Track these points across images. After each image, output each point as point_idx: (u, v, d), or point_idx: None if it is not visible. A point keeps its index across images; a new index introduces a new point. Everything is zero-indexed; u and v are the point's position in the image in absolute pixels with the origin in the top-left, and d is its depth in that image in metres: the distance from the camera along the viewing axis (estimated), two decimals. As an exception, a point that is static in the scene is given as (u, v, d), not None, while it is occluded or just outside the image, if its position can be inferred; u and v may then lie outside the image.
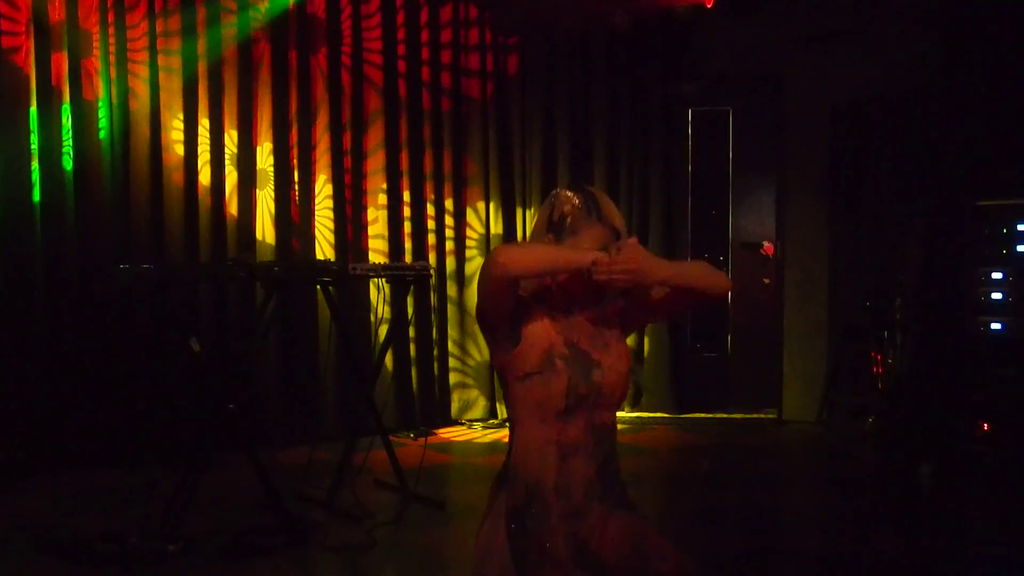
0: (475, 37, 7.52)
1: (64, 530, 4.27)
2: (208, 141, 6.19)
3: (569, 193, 2.48)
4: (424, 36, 7.20)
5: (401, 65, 7.09)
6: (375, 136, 7.01)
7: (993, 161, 5.86)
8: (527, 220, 7.75)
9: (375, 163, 7.00)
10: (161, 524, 4.16)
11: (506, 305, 2.39)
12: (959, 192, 5.90)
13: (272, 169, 6.47)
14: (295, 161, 6.55)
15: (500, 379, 2.55)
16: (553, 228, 2.47)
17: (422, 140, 7.18)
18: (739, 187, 8.33)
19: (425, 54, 7.21)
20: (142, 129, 5.92)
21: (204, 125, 6.19)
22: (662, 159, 7.93)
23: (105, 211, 5.77)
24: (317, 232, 6.71)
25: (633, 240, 2.36)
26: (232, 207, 6.30)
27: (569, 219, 2.45)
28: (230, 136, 6.31)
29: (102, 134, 5.77)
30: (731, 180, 8.31)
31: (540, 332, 2.43)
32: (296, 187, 6.54)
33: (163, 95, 5.99)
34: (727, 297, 2.35)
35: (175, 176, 6.06)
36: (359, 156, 6.88)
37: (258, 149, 6.45)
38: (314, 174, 6.67)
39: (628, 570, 2.40)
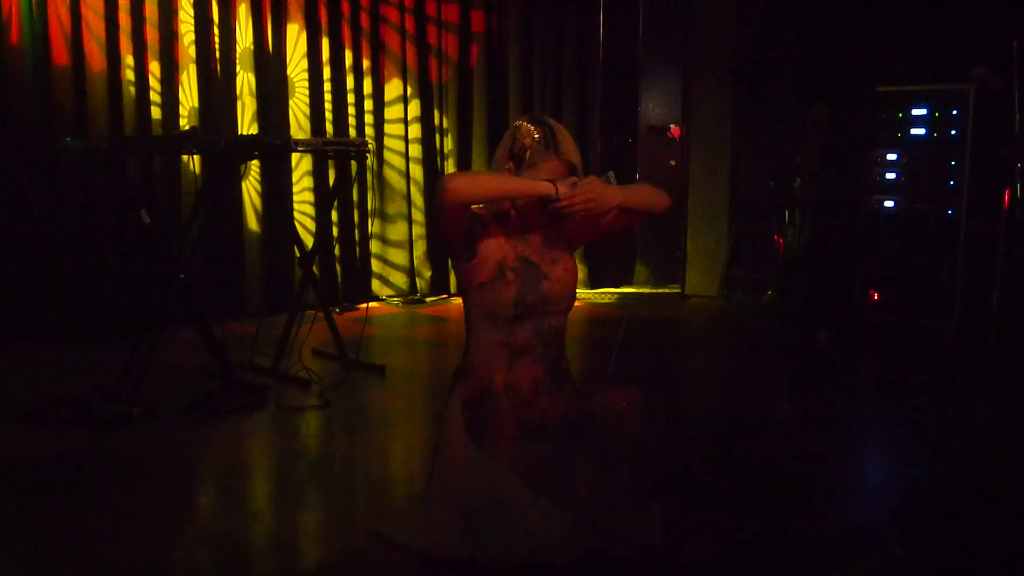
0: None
1: (22, 398, 4.36)
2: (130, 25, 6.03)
3: (530, 126, 2.75)
4: None
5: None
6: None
7: (892, 49, 6.26)
8: (440, 97, 7.83)
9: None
10: (118, 391, 4.30)
11: (458, 226, 2.67)
12: (859, 78, 6.30)
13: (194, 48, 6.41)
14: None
15: (459, 287, 2.85)
16: (513, 158, 2.74)
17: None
18: (648, 72, 8.60)
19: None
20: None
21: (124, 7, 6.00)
22: (576, 43, 8.13)
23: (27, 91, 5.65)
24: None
25: (591, 177, 2.64)
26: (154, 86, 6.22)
27: (528, 152, 2.71)
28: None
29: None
30: (640, 65, 8.57)
31: (494, 247, 2.72)
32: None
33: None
34: (669, 212, 2.70)
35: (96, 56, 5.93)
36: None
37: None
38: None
39: (574, 428, 2.73)
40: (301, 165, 7.00)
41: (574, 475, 2.64)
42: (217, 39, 6.41)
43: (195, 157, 5.60)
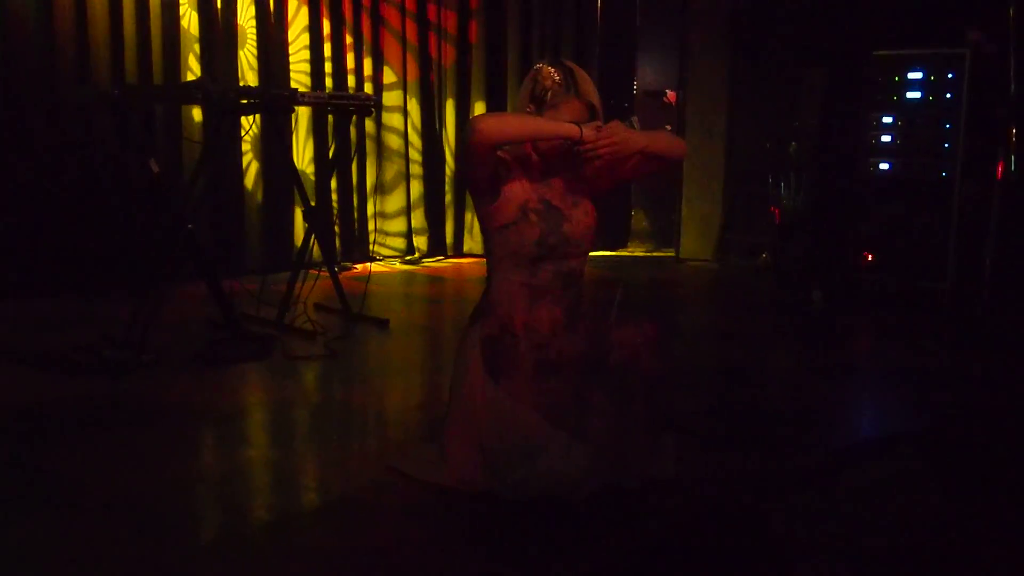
0: None
1: (32, 346, 4.40)
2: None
3: (551, 69, 2.79)
4: None
5: None
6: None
7: (888, 13, 6.31)
8: (440, 57, 7.85)
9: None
10: (127, 339, 4.33)
11: (485, 166, 2.71)
12: (856, 42, 6.35)
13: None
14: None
15: (481, 229, 2.90)
16: (535, 100, 2.78)
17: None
18: (645, 37, 8.63)
19: None
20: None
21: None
22: (574, 6, 8.15)
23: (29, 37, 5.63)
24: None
25: (615, 121, 2.68)
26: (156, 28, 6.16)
27: (550, 93, 2.76)
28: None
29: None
30: (637, 29, 8.60)
31: (517, 189, 2.77)
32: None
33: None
34: (683, 160, 2.73)
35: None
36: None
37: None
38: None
39: (590, 364, 2.80)
40: (301, 134, 7.01)
41: (591, 410, 2.71)
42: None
43: (195, 108, 5.59)
